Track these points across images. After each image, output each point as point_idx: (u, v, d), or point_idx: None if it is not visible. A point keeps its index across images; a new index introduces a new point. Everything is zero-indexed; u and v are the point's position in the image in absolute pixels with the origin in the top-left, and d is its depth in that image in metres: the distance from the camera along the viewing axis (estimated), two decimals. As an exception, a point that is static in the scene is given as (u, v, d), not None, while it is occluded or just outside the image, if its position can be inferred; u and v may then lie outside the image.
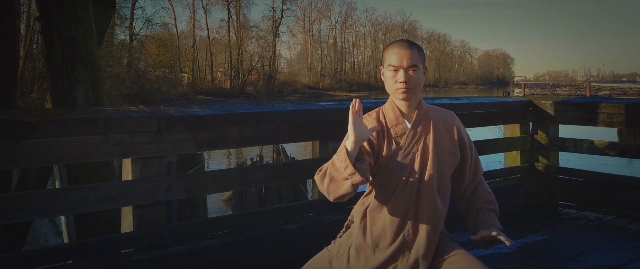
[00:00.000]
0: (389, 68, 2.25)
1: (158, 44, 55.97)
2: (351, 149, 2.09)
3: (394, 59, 2.24)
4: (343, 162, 2.09)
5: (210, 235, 3.25)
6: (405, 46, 2.26)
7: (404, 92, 2.23)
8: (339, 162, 2.10)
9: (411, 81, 2.23)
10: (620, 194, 4.53)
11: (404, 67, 2.22)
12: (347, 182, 2.09)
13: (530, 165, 5.01)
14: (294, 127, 3.59)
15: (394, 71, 2.24)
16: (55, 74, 6.01)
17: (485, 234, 2.30)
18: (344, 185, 2.10)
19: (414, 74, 2.23)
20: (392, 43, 2.31)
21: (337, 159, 2.12)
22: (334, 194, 2.14)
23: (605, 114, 4.61)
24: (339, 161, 2.10)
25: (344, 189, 2.11)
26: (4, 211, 2.64)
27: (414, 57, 2.24)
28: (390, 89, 2.28)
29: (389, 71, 2.25)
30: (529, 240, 4.05)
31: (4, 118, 2.67)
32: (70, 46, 5.96)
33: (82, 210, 2.90)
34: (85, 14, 6.12)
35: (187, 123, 3.10)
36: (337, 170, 2.11)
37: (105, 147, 2.86)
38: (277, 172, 3.71)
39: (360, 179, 2.07)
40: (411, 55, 2.23)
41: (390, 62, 2.25)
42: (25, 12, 33.59)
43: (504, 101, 5.15)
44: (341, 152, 2.11)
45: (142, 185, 2.99)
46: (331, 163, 2.15)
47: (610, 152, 4.63)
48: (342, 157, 2.10)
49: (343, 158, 2.09)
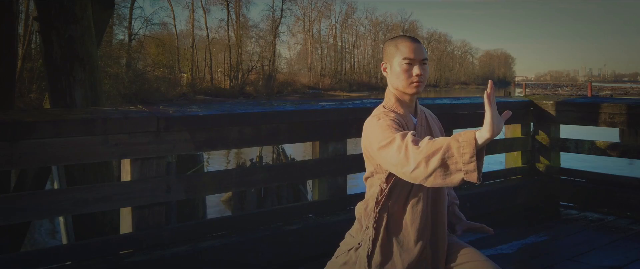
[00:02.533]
0: (404, 62, 2.21)
1: (157, 43, 55.98)
2: (482, 142, 1.85)
3: (409, 52, 2.21)
4: (467, 154, 1.85)
5: (209, 236, 3.24)
6: (416, 41, 2.25)
7: (417, 86, 2.21)
8: (460, 150, 1.87)
9: (425, 74, 2.22)
10: (621, 195, 4.52)
11: (418, 60, 2.21)
12: (458, 175, 1.87)
13: (531, 165, 4.99)
14: (293, 127, 3.57)
15: (408, 64, 2.21)
16: (53, 74, 6.00)
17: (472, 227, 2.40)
18: (455, 176, 1.88)
19: (425, 67, 2.23)
20: (400, 37, 2.28)
21: (457, 145, 1.87)
22: (435, 179, 1.91)
23: (607, 114, 4.60)
24: (461, 149, 1.87)
25: (450, 180, 1.90)
26: (3, 211, 2.63)
27: (425, 51, 2.24)
28: (401, 83, 2.23)
29: (404, 64, 2.21)
30: (530, 241, 4.04)
31: (3, 118, 2.66)
32: (69, 46, 5.95)
33: (81, 211, 2.89)
34: (84, 13, 6.11)
35: (187, 123, 3.08)
36: (452, 157, 1.87)
37: (104, 147, 2.85)
38: (277, 172, 3.69)
39: (476, 177, 1.86)
40: (424, 50, 2.24)
41: (405, 55, 2.21)
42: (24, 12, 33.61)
43: (505, 101, 5.14)
44: (468, 141, 1.87)
45: (141, 186, 2.97)
46: (446, 146, 1.89)
47: (612, 152, 4.62)
48: (467, 148, 1.86)
49: (469, 150, 1.85)
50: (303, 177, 3.82)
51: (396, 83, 2.25)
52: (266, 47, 70.85)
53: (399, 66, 2.22)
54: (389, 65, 2.27)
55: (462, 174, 1.86)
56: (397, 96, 2.28)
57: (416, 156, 1.92)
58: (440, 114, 4.24)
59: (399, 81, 2.23)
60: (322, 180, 3.74)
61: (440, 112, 4.28)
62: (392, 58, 2.25)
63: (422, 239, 2.22)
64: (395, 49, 2.25)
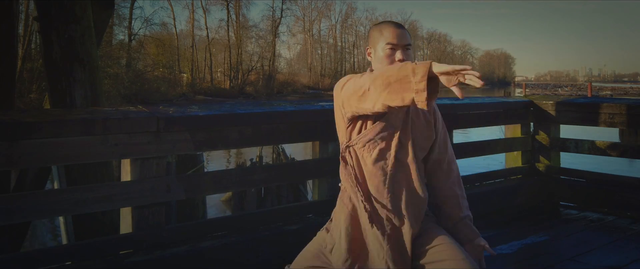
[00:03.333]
0: (387, 47, 2.26)
1: (157, 44, 56.06)
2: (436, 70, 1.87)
3: (392, 37, 2.26)
4: (420, 74, 1.86)
5: (209, 236, 3.24)
6: (400, 26, 2.30)
7: None
8: (415, 69, 1.87)
9: (407, 59, 2.26)
10: (621, 195, 4.51)
11: (401, 45, 2.25)
12: (410, 94, 1.89)
13: (531, 165, 4.99)
14: (293, 127, 3.57)
15: (390, 49, 2.26)
16: (53, 74, 6.01)
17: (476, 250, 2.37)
18: (407, 95, 1.89)
19: (408, 52, 2.28)
20: (385, 22, 2.33)
21: (412, 66, 1.88)
22: (389, 95, 1.94)
23: (607, 114, 4.60)
24: (415, 69, 1.87)
25: (402, 97, 1.91)
26: (3, 211, 2.63)
27: (409, 37, 2.30)
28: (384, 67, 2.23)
29: (387, 49, 2.26)
30: (530, 241, 4.04)
31: (3, 118, 2.66)
32: (69, 46, 5.96)
33: (80, 211, 2.88)
34: (84, 13, 6.12)
35: (187, 123, 3.08)
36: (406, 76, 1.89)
37: (104, 147, 2.84)
38: (277, 173, 3.69)
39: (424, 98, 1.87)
40: (407, 35, 2.29)
41: (389, 40, 2.25)
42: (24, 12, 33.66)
43: (505, 101, 5.14)
44: (423, 64, 1.87)
45: (141, 186, 2.97)
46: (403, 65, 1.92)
47: (612, 152, 4.62)
48: (420, 69, 1.86)
49: (422, 70, 1.85)
50: (303, 178, 3.82)
51: (379, 67, 2.28)
52: (266, 47, 70.94)
53: (382, 51, 2.28)
54: (373, 50, 2.33)
55: (412, 93, 1.88)
56: None
57: (373, 75, 2.01)
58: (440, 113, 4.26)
59: (382, 66, 2.28)
60: (322, 180, 3.74)
61: (440, 112, 4.29)
62: (376, 43, 2.31)
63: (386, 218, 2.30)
64: (379, 34, 2.30)
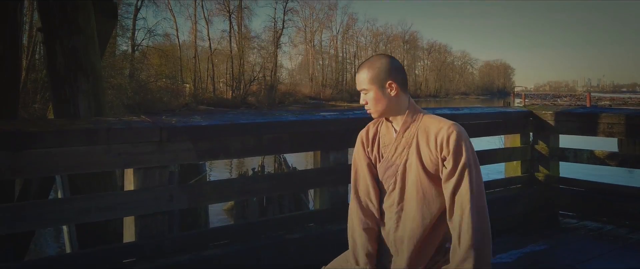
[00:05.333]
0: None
1: (160, 54, 56.13)
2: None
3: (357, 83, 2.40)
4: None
5: (211, 245, 3.26)
6: (359, 70, 2.38)
7: (369, 113, 2.39)
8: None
9: (368, 103, 2.36)
10: (620, 204, 4.53)
11: (360, 89, 2.37)
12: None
13: (530, 175, 5.01)
14: (295, 137, 3.60)
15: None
16: (57, 85, 6.06)
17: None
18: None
19: (366, 95, 2.35)
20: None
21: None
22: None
23: (606, 124, 4.62)
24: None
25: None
26: (7, 220, 2.65)
27: (361, 81, 2.36)
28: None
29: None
30: (529, 250, 4.06)
31: (7, 128, 2.69)
32: (73, 57, 6.01)
33: (84, 220, 2.91)
34: (88, 24, 6.16)
35: (189, 133, 3.11)
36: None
37: (107, 157, 2.87)
38: (279, 182, 3.71)
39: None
40: (359, 80, 2.37)
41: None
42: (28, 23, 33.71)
43: (505, 111, 5.17)
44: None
45: (144, 195, 3.00)
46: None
47: (611, 162, 4.64)
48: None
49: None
50: (304, 187, 3.85)
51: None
52: (268, 58, 70.97)
53: None
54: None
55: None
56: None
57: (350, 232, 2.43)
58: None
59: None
60: (323, 189, 3.76)
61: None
62: None
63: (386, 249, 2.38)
64: None
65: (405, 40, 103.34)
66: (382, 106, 2.33)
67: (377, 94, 2.32)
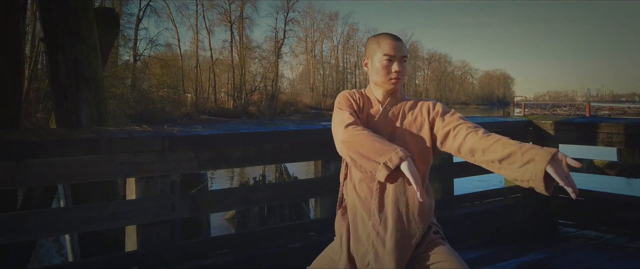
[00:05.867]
0: (384, 58, 2.31)
1: (161, 64, 56.21)
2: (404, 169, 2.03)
3: (390, 49, 2.31)
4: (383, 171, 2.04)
5: (213, 254, 3.28)
6: (398, 38, 2.35)
7: (396, 81, 2.32)
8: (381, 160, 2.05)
9: (403, 71, 2.32)
10: (619, 213, 4.55)
11: (398, 57, 2.31)
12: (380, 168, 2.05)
13: (530, 184, 5.01)
14: (296, 147, 3.62)
15: (388, 61, 2.31)
16: (59, 94, 6.07)
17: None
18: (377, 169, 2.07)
19: (403, 64, 2.33)
20: (382, 34, 2.39)
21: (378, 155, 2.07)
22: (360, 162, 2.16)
23: (605, 134, 4.64)
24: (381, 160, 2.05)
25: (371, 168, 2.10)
26: (10, 229, 2.66)
27: (405, 49, 2.35)
28: (380, 78, 2.34)
29: (384, 60, 2.31)
30: (529, 259, 4.07)
31: (9, 138, 2.71)
32: (75, 66, 6.02)
33: (86, 229, 2.92)
34: (90, 34, 6.19)
35: (191, 143, 3.13)
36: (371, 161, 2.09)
37: (109, 166, 2.89)
38: (280, 191, 3.73)
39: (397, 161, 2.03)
40: (404, 47, 2.34)
41: (386, 51, 2.31)
42: (30, 33, 33.83)
43: (505, 121, 5.19)
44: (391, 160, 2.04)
45: (145, 204, 3.02)
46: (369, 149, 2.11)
47: (610, 171, 4.65)
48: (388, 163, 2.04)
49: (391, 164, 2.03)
50: (305, 196, 3.85)
51: (376, 78, 2.36)
52: (269, 68, 71.12)
53: (379, 62, 2.33)
54: (370, 61, 2.39)
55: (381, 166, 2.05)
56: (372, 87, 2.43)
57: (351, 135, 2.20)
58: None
59: (378, 76, 2.35)
60: (324, 199, 3.78)
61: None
62: (373, 54, 2.37)
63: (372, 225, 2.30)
64: (377, 45, 2.36)
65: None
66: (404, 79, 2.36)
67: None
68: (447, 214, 4.35)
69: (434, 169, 4.33)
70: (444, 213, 4.35)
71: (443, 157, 4.39)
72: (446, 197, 4.43)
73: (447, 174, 4.45)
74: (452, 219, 4.35)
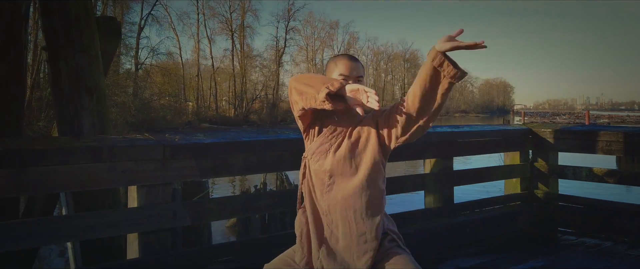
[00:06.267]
0: (340, 77, 2.43)
1: (163, 73, 56.38)
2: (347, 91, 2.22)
3: (345, 69, 2.45)
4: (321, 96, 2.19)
5: (214, 261, 3.28)
6: (354, 59, 2.50)
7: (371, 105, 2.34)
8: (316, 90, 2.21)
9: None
10: (618, 221, 4.56)
11: (353, 77, 2.44)
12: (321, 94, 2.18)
13: (530, 192, 5.04)
14: (297, 155, 3.61)
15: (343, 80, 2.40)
16: (61, 103, 6.09)
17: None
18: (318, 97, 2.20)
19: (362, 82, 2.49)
20: (340, 55, 2.52)
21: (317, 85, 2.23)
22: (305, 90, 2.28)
23: (604, 142, 4.65)
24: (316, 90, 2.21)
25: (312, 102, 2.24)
26: (12, 237, 2.67)
27: (362, 69, 2.50)
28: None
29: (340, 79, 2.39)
30: (529, 266, 4.08)
31: (12, 146, 2.72)
32: (77, 75, 6.05)
33: (88, 237, 2.92)
34: (92, 43, 6.22)
35: (192, 151, 3.14)
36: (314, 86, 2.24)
37: (111, 174, 2.90)
38: (280, 199, 3.73)
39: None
40: (359, 67, 2.49)
41: (341, 71, 2.45)
42: (32, 42, 33.94)
43: (504, 129, 5.20)
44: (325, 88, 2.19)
45: (147, 212, 3.02)
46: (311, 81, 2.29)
47: (609, 179, 4.67)
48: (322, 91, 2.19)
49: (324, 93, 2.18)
50: (306, 204, 3.85)
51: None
52: (270, 76, 71.31)
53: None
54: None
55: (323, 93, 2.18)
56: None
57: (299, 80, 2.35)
58: (441, 141, 4.33)
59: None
60: (324, 206, 3.79)
61: (441, 140, 4.37)
62: (331, 73, 2.50)
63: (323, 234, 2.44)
64: (334, 65, 2.50)
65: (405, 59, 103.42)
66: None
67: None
68: (447, 222, 4.37)
69: (434, 177, 4.37)
70: (444, 220, 4.36)
71: (443, 166, 4.40)
72: (446, 205, 4.44)
73: (447, 182, 4.47)
74: (452, 227, 4.36)
